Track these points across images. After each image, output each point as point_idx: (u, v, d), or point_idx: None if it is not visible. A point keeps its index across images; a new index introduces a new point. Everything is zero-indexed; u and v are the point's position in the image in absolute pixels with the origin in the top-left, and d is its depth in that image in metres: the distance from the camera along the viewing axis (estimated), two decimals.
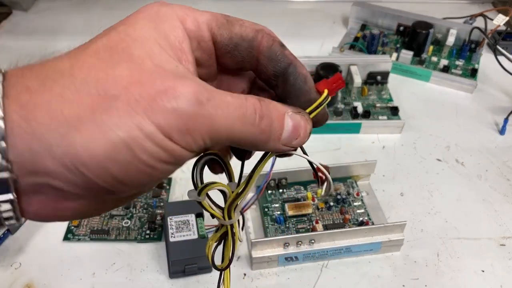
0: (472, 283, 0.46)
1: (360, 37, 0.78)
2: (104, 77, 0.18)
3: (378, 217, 0.51)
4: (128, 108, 0.18)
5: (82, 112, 0.18)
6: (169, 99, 0.18)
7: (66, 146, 0.18)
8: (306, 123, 0.23)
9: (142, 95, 0.18)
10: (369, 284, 0.45)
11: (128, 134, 0.18)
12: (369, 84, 0.67)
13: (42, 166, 0.18)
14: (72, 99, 0.18)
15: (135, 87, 0.18)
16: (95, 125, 0.18)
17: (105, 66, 0.19)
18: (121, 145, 0.18)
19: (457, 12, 0.83)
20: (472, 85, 0.69)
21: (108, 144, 0.18)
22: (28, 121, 0.18)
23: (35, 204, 0.20)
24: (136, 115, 0.18)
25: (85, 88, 0.18)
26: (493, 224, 0.51)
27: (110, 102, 0.18)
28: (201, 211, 0.47)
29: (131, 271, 0.46)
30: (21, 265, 0.46)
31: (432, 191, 0.55)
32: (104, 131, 0.18)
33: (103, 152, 0.18)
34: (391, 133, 0.62)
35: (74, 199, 0.20)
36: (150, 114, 0.18)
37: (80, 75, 0.19)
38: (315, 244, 0.46)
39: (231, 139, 0.21)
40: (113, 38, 0.20)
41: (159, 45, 0.20)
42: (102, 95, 0.18)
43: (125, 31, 0.20)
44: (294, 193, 0.53)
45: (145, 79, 0.19)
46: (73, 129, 0.18)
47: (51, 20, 0.84)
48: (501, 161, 0.59)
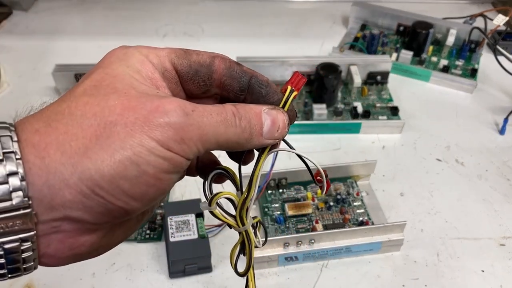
0: (472, 283, 0.46)
1: (360, 37, 0.78)
2: (99, 109, 0.21)
3: (378, 217, 0.51)
4: (127, 129, 0.20)
5: (88, 142, 0.20)
6: (161, 115, 0.21)
7: (79, 173, 0.20)
8: (283, 115, 0.25)
9: (136, 117, 0.21)
10: (369, 284, 0.45)
11: (133, 151, 0.20)
12: (369, 84, 0.67)
13: (60, 197, 0.20)
14: (77, 133, 0.20)
15: (128, 111, 0.21)
16: (102, 150, 0.20)
17: (97, 100, 0.21)
18: (128, 162, 0.20)
19: (457, 12, 0.83)
20: (472, 85, 0.69)
21: (117, 164, 0.20)
22: (42, 159, 0.20)
23: (53, 244, 0.21)
24: (136, 134, 0.20)
25: (86, 122, 0.21)
26: (493, 224, 0.51)
27: (111, 128, 0.20)
28: (201, 211, 0.47)
29: (131, 271, 0.46)
30: None
31: (432, 191, 0.55)
32: (111, 153, 0.20)
33: (114, 171, 0.20)
34: (391, 133, 0.62)
35: (90, 231, 0.21)
36: (148, 132, 0.20)
37: (77, 112, 0.21)
38: (315, 244, 0.46)
39: (219, 142, 0.23)
40: (95, 78, 0.22)
41: (136, 79, 0.23)
42: (102, 124, 0.20)
43: (104, 71, 0.23)
44: (294, 193, 0.53)
45: (134, 103, 0.21)
46: (83, 158, 0.20)
47: (51, 20, 0.84)
48: (501, 161, 0.59)
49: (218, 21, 0.85)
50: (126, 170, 0.20)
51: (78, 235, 0.21)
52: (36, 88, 0.68)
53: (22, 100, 0.74)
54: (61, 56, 0.74)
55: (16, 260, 0.20)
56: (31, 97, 0.71)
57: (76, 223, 0.21)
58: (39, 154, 0.20)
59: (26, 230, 0.19)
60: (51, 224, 0.20)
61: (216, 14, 0.87)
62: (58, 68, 0.64)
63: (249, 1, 0.90)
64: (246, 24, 0.84)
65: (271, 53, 0.68)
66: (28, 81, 0.70)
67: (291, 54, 0.68)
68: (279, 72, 0.66)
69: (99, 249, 0.23)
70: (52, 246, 0.21)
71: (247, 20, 0.85)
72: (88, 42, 0.77)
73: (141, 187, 0.21)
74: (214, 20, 0.85)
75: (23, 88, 0.69)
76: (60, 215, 0.20)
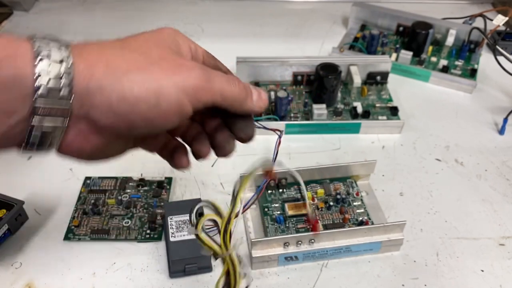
0: (472, 283, 0.46)
1: (360, 37, 0.78)
2: (146, 51, 0.28)
3: (377, 217, 0.51)
4: (161, 71, 0.27)
5: (132, 67, 0.26)
6: (188, 70, 0.28)
7: (114, 87, 0.26)
8: (265, 93, 0.32)
9: (169, 65, 0.27)
10: (369, 283, 0.45)
11: (160, 86, 0.26)
12: (368, 84, 0.68)
13: (91, 100, 0.25)
14: (124, 59, 0.27)
15: (164, 61, 0.28)
16: (138, 77, 0.26)
17: (146, 47, 0.28)
18: (153, 92, 0.26)
19: (456, 13, 0.83)
20: (472, 85, 0.69)
21: (145, 90, 0.26)
22: (90, 69, 0.25)
23: (70, 135, 0.27)
24: (166, 76, 0.27)
25: (134, 55, 0.27)
26: (493, 224, 0.51)
27: (148, 67, 0.27)
28: (201, 210, 0.47)
29: (132, 271, 0.46)
30: (22, 265, 0.46)
31: (432, 191, 0.55)
32: (143, 81, 0.26)
33: (140, 95, 0.26)
34: (390, 133, 0.62)
35: (98, 135, 0.27)
36: (174, 78, 0.27)
37: (129, 48, 0.28)
38: (315, 244, 0.46)
39: (223, 95, 0.29)
40: (147, 35, 0.30)
41: (175, 47, 0.30)
42: (148, 61, 0.27)
43: (155, 32, 0.30)
44: (294, 193, 0.53)
45: (171, 57, 0.29)
46: (122, 78, 0.26)
47: (52, 21, 0.84)
48: (501, 161, 0.59)
49: (218, 21, 0.85)
50: (149, 98, 0.26)
51: (88, 134, 0.27)
52: None
53: None
54: None
55: (48, 139, 0.26)
56: None
57: (91, 124, 0.26)
58: (89, 65, 0.26)
59: (62, 116, 0.25)
60: (76, 118, 0.26)
61: (216, 14, 0.87)
62: None
63: (249, 1, 0.91)
64: (246, 24, 0.85)
65: (271, 53, 0.68)
66: None
67: (291, 54, 0.68)
68: (279, 72, 0.67)
69: (98, 154, 0.29)
70: (69, 137, 0.27)
71: (247, 20, 0.85)
72: None
73: (152, 114, 0.27)
74: (214, 20, 0.85)
75: None
76: (84, 113, 0.26)
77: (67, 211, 0.51)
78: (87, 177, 0.55)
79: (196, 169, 0.57)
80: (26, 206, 0.50)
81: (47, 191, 0.54)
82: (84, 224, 0.50)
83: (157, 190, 0.53)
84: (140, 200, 0.52)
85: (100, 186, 0.54)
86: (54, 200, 0.52)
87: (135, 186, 0.54)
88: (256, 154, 0.59)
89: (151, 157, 0.58)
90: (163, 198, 0.53)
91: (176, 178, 0.55)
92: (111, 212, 0.51)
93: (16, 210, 0.48)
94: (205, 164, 0.57)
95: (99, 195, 0.53)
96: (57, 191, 0.54)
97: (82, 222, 0.50)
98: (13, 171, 0.56)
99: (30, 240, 0.48)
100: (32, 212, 0.51)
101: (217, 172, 0.57)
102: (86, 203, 0.52)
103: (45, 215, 0.51)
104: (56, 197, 0.53)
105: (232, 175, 0.56)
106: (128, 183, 0.54)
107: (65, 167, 0.56)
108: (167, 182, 0.54)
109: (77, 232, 0.49)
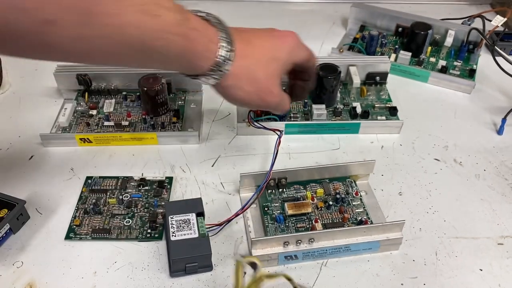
0: (471, 282, 0.46)
1: (359, 38, 0.78)
2: (265, 70, 0.45)
3: (377, 216, 0.51)
4: (260, 97, 0.46)
5: (259, 62, 0.45)
6: (273, 97, 0.47)
7: (259, 71, 0.45)
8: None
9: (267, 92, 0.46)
10: (368, 282, 0.46)
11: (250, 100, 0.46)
12: (368, 84, 0.68)
13: (235, 73, 0.43)
14: (249, 73, 0.44)
15: (270, 90, 0.46)
16: (265, 69, 0.45)
17: (265, 61, 0.45)
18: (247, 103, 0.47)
19: (455, 13, 0.84)
20: (470, 86, 0.70)
21: (242, 102, 0.46)
22: (241, 58, 0.43)
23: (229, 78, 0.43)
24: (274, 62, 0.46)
25: (260, 53, 0.45)
26: (491, 223, 0.52)
27: (268, 62, 0.45)
28: (201, 210, 0.47)
29: (132, 270, 0.46)
30: (23, 264, 0.47)
31: (431, 191, 0.55)
32: (244, 96, 0.45)
33: (244, 101, 0.46)
34: (389, 133, 0.63)
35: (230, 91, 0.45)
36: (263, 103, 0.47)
37: (254, 58, 0.45)
38: (315, 243, 0.46)
39: (304, 57, 0.49)
40: (271, 43, 0.46)
41: (287, 63, 0.47)
42: (264, 58, 0.45)
43: (279, 39, 0.47)
44: (293, 192, 0.53)
45: (274, 88, 0.47)
46: (257, 67, 0.45)
47: None
48: (499, 161, 0.59)
49: None
50: (244, 104, 0.47)
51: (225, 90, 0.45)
52: (38, 88, 0.69)
53: (24, 100, 0.75)
54: None
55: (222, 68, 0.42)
56: (33, 97, 0.72)
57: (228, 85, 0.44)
58: (241, 53, 0.43)
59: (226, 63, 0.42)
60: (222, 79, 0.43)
61: (216, 14, 0.87)
62: (59, 69, 0.64)
63: (249, 2, 0.91)
64: (246, 24, 0.84)
65: None
66: (30, 81, 0.71)
67: None
68: None
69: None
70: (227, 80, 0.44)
71: (247, 21, 0.85)
72: None
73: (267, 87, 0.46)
74: None
75: (25, 89, 0.69)
76: (228, 78, 0.43)
77: (68, 211, 0.51)
78: (88, 177, 0.55)
79: (197, 168, 0.57)
80: (27, 205, 0.50)
81: (48, 190, 0.54)
82: (85, 224, 0.50)
83: (158, 189, 0.54)
84: (141, 200, 0.53)
85: (101, 186, 0.54)
86: (55, 199, 0.53)
87: (136, 186, 0.54)
88: (256, 153, 0.59)
89: (152, 157, 0.59)
90: (163, 198, 0.53)
91: (176, 178, 0.56)
92: (112, 211, 0.51)
93: (18, 209, 0.48)
94: (206, 164, 0.58)
95: (100, 195, 0.53)
96: (59, 190, 0.54)
97: (83, 222, 0.50)
98: (14, 171, 0.56)
99: (31, 239, 0.49)
100: (33, 211, 0.51)
101: (217, 172, 0.57)
102: (87, 203, 0.52)
103: (47, 214, 0.51)
104: (57, 197, 0.53)
105: (232, 174, 0.56)
106: (129, 183, 0.54)
107: (66, 167, 0.57)
108: (167, 182, 0.55)
109: (78, 231, 0.49)
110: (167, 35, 0.37)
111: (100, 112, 0.63)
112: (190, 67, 0.42)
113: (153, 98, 0.60)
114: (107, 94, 0.65)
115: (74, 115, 0.63)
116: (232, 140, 0.62)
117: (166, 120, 0.62)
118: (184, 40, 0.38)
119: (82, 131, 0.60)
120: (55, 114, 0.63)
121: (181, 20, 0.38)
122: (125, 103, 0.64)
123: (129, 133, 0.59)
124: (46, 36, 0.31)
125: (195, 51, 0.40)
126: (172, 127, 0.61)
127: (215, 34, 0.41)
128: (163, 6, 0.36)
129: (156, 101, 0.61)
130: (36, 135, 0.59)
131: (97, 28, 0.32)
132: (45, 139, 0.59)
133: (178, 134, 0.60)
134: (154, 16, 0.35)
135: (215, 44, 0.41)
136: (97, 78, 0.65)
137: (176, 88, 0.66)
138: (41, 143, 0.59)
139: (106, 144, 0.60)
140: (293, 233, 0.49)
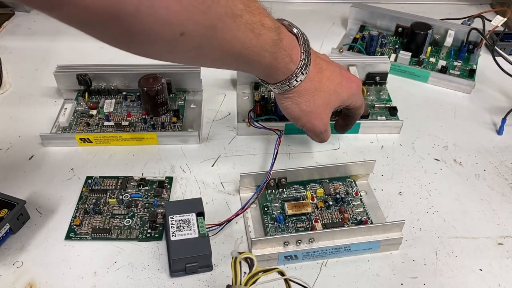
0: (470, 282, 0.46)
1: (359, 38, 0.78)
2: (326, 105, 0.50)
3: (376, 216, 0.51)
4: (330, 95, 0.50)
5: (322, 89, 0.49)
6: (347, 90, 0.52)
7: (320, 98, 0.49)
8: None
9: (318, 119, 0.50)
10: (368, 282, 0.46)
11: (303, 124, 0.51)
12: (368, 84, 0.68)
13: (303, 92, 0.48)
14: (331, 81, 0.49)
15: (336, 95, 0.51)
16: (336, 94, 0.50)
17: (328, 98, 0.50)
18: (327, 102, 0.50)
19: (455, 13, 0.84)
20: (470, 86, 0.70)
21: (298, 123, 0.51)
22: (310, 81, 0.47)
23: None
24: (334, 96, 0.50)
25: (327, 87, 0.49)
26: (491, 223, 0.52)
27: (330, 94, 0.50)
28: (201, 210, 0.47)
29: (132, 270, 0.46)
30: (23, 264, 0.47)
31: (431, 191, 0.55)
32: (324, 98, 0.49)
33: (328, 106, 0.50)
34: (389, 133, 0.63)
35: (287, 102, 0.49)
36: (336, 97, 0.50)
37: (322, 90, 0.49)
38: (315, 243, 0.46)
39: (358, 105, 0.54)
40: (338, 81, 0.50)
41: (343, 97, 0.52)
42: (329, 91, 0.49)
43: (346, 79, 0.51)
44: (293, 192, 0.53)
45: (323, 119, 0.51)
46: (320, 93, 0.48)
47: (53, 22, 0.84)
48: (499, 161, 0.59)
49: None
50: (297, 123, 0.51)
51: (283, 100, 0.49)
52: (38, 88, 0.69)
53: (24, 100, 0.75)
54: (62, 57, 0.75)
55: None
56: (33, 97, 0.71)
57: (288, 97, 0.48)
58: (311, 77, 0.47)
59: (295, 81, 0.46)
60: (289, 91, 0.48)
61: None
62: (59, 69, 0.64)
63: None
64: None
65: None
66: (30, 81, 0.71)
67: None
68: None
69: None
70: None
71: None
72: (90, 43, 0.77)
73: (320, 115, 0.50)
74: None
75: (25, 89, 0.69)
76: (291, 92, 0.47)
77: (68, 211, 0.51)
78: (88, 177, 0.55)
79: (197, 168, 0.57)
80: (27, 205, 0.50)
81: (48, 190, 0.54)
82: (85, 224, 0.50)
83: (158, 189, 0.54)
84: (141, 200, 0.53)
85: (101, 186, 0.54)
86: (55, 199, 0.53)
87: (136, 186, 0.54)
88: (256, 153, 0.59)
89: (152, 157, 0.59)
90: (164, 198, 0.53)
91: (177, 178, 0.56)
92: (112, 211, 0.51)
93: (18, 209, 0.48)
94: (206, 164, 0.58)
95: (100, 195, 0.53)
96: (59, 190, 0.54)
97: (83, 222, 0.50)
98: (14, 171, 0.56)
99: (31, 239, 0.49)
100: (33, 211, 0.51)
101: (217, 172, 0.57)
102: (87, 203, 0.52)
103: (47, 214, 0.51)
104: (57, 197, 0.53)
105: (232, 174, 0.56)
106: (129, 183, 0.54)
107: (66, 167, 0.57)
108: (167, 182, 0.55)
109: (78, 231, 0.49)
110: (262, 52, 0.41)
111: (100, 112, 0.63)
112: (268, 77, 0.46)
113: (153, 98, 0.60)
114: (107, 94, 0.66)
115: (74, 115, 0.63)
116: (232, 140, 0.62)
117: (166, 120, 0.62)
118: (272, 57, 0.43)
119: (82, 131, 0.60)
120: (55, 114, 0.63)
121: (277, 40, 0.42)
122: (125, 103, 0.64)
123: (129, 133, 0.59)
124: (176, 44, 0.36)
125: (277, 67, 0.44)
126: (172, 127, 0.61)
127: (297, 56, 0.45)
128: (265, 26, 0.40)
129: (156, 101, 0.61)
130: (36, 135, 0.59)
131: (214, 40, 0.37)
132: (45, 139, 0.59)
133: (178, 134, 0.60)
134: (258, 35, 0.40)
135: (295, 65, 0.45)
136: (97, 78, 0.65)
137: (176, 88, 0.66)
138: (41, 143, 0.59)
139: (106, 144, 0.60)
140: (293, 233, 0.49)
